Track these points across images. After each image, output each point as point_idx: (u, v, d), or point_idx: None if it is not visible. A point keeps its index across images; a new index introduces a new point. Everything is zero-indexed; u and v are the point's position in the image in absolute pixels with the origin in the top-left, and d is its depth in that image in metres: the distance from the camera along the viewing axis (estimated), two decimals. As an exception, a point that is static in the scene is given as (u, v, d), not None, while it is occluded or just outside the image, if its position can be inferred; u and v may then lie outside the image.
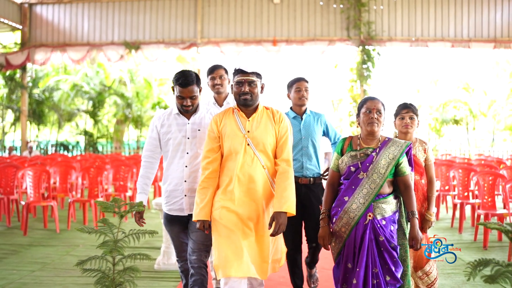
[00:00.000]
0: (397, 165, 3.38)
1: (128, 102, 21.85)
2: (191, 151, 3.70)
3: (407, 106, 4.15)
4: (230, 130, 3.49)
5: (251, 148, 3.45)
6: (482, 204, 6.84)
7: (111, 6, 19.18)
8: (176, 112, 3.75)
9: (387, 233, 3.32)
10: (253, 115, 3.53)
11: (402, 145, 3.40)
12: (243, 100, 3.48)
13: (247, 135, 3.47)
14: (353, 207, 3.33)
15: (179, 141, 3.70)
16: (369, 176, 3.35)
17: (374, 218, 3.32)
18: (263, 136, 3.47)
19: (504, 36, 17.90)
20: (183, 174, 3.68)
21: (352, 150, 3.48)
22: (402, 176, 3.40)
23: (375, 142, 3.46)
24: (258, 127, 3.50)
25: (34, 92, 20.77)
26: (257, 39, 18.60)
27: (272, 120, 3.55)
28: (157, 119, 3.82)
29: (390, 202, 3.40)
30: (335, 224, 3.41)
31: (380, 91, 19.66)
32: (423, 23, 18.36)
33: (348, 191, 3.38)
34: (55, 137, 23.86)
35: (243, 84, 3.47)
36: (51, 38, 19.39)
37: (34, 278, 5.27)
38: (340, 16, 18.43)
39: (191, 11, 18.85)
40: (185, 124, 3.72)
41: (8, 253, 6.39)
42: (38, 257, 6.21)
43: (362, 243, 3.30)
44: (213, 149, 3.52)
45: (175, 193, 3.70)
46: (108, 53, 18.97)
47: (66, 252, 6.46)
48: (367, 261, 3.29)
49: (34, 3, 19.41)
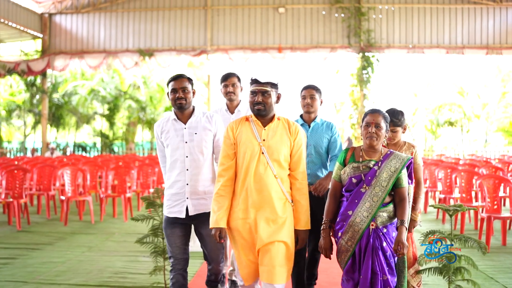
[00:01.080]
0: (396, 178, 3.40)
1: (142, 105, 22.73)
2: (190, 155, 3.74)
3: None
4: (246, 137, 3.49)
5: (265, 157, 3.44)
6: (461, 198, 7.92)
7: (126, 15, 20.04)
8: (174, 117, 3.82)
9: (388, 239, 3.36)
10: (269, 124, 3.52)
11: (403, 159, 3.42)
12: (256, 110, 3.46)
13: (262, 143, 3.46)
14: (357, 221, 3.33)
15: (177, 145, 3.75)
16: (371, 189, 3.35)
17: (376, 227, 3.35)
18: (278, 146, 3.46)
19: (496, 43, 18.66)
20: (185, 178, 3.73)
21: (355, 161, 3.48)
22: (399, 188, 3.41)
23: (377, 155, 3.46)
24: (274, 137, 3.49)
25: (53, 96, 21.69)
26: (263, 46, 19.38)
27: (288, 131, 3.53)
28: (158, 126, 3.90)
29: (390, 210, 3.41)
30: (341, 238, 3.41)
31: (379, 96, 20.44)
32: (419, 31, 19.06)
33: (352, 205, 3.38)
34: (72, 138, 24.85)
35: (257, 94, 3.44)
36: (69, 46, 20.32)
37: (86, 257, 6.36)
38: (341, 25, 19.12)
39: (201, 20, 19.64)
40: (182, 129, 3.78)
41: (56, 239, 7.50)
42: (83, 242, 7.29)
43: (366, 251, 3.32)
44: (229, 156, 3.52)
45: (177, 196, 3.76)
46: (123, 60, 19.86)
47: (105, 238, 7.55)
48: (374, 268, 3.31)
49: (53, 13, 20.35)
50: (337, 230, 3.43)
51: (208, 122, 3.82)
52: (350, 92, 19.56)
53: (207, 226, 3.63)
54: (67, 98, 22.47)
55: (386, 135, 3.47)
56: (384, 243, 3.33)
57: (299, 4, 19.25)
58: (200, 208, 3.75)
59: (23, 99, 22.76)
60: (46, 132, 20.89)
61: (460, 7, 18.92)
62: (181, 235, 3.78)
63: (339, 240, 3.41)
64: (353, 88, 19.46)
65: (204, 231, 3.75)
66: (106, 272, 5.61)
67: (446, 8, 18.96)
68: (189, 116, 3.79)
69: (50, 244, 7.12)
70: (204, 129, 3.78)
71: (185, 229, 3.80)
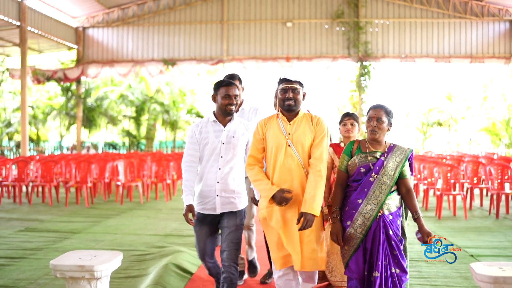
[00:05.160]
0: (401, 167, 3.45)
1: (165, 109, 24.61)
2: (225, 155, 3.82)
3: (349, 114, 4.50)
4: (273, 132, 3.62)
5: (292, 149, 3.55)
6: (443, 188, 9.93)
7: (152, 29, 21.86)
8: (213, 119, 3.89)
9: (394, 226, 3.40)
10: (294, 119, 3.63)
11: (406, 151, 3.48)
12: (287, 106, 3.58)
13: (288, 137, 3.57)
14: (368, 208, 3.38)
15: (215, 146, 3.82)
16: (380, 178, 3.40)
17: (383, 214, 3.39)
18: (301, 138, 3.56)
19: (479, 53, 20.33)
20: (216, 176, 3.80)
21: (362, 152, 3.53)
22: (403, 179, 3.47)
23: (382, 147, 3.52)
24: (298, 130, 3.59)
25: (87, 100, 23.70)
26: (273, 56, 21.08)
27: (310, 123, 3.62)
28: (196, 126, 3.95)
29: (395, 198, 3.47)
30: (350, 226, 3.42)
31: (376, 100, 22.00)
32: (411, 43, 20.66)
33: (361, 193, 3.42)
34: (103, 138, 26.92)
35: (287, 91, 3.56)
36: (101, 56, 22.16)
37: (148, 222, 8.68)
38: (342, 37, 20.79)
39: (218, 34, 21.38)
40: (221, 131, 3.85)
41: (119, 212, 9.87)
42: (140, 214, 9.60)
43: (375, 238, 3.36)
44: (258, 150, 3.68)
45: (208, 193, 3.82)
46: (149, 68, 21.72)
47: (156, 213, 9.87)
48: (384, 255, 3.33)
49: (87, 27, 22.30)
50: (346, 218, 3.47)
51: (245, 129, 3.94)
52: (350, 96, 21.14)
53: (231, 220, 3.80)
54: (99, 102, 24.36)
55: (388, 129, 3.52)
56: (390, 230, 3.37)
57: (304, 19, 20.95)
58: (228, 206, 3.83)
59: (59, 103, 24.71)
60: (80, 133, 22.88)
61: (447, 21, 20.51)
62: (209, 234, 3.90)
63: (348, 228, 3.44)
64: (352, 93, 21.01)
65: (227, 223, 3.82)
66: (168, 228, 8.00)
67: (434, 22, 20.59)
68: (229, 120, 3.90)
69: (117, 215, 9.49)
70: (241, 134, 3.88)
71: (213, 227, 3.91)
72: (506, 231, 7.72)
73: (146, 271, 5.41)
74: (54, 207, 10.44)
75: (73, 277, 2.99)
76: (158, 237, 7.37)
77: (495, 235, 7.46)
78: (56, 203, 11.08)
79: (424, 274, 5.33)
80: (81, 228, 8.08)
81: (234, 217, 3.81)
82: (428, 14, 20.62)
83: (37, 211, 9.92)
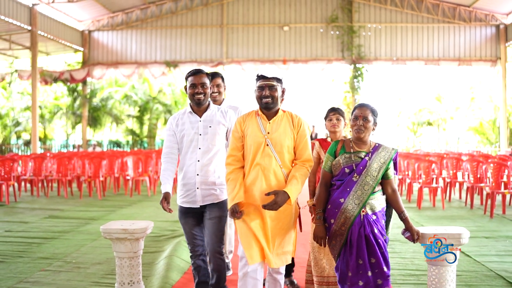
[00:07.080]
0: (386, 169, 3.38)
1: (168, 108, 25.35)
2: (203, 147, 3.76)
3: (334, 109, 4.30)
4: (252, 130, 3.51)
5: (270, 148, 3.45)
6: (424, 181, 10.95)
7: (154, 32, 22.56)
8: (189, 111, 3.82)
9: (379, 226, 3.36)
10: (273, 118, 3.52)
11: (390, 151, 3.42)
12: (264, 104, 3.47)
13: (267, 136, 3.47)
14: (349, 208, 3.32)
15: (192, 137, 3.78)
16: (363, 178, 3.34)
17: (366, 214, 3.33)
18: (281, 138, 3.46)
19: (467, 56, 21.11)
20: (195, 168, 3.74)
21: (346, 152, 3.45)
22: (388, 179, 3.41)
23: (367, 147, 3.45)
24: (278, 129, 3.48)
25: (93, 101, 24.46)
26: (270, 59, 21.80)
27: (291, 124, 3.52)
28: (173, 118, 3.91)
29: (379, 198, 3.40)
30: (334, 224, 3.38)
31: (368, 100, 23.00)
32: (402, 46, 21.40)
33: (343, 193, 3.36)
34: (107, 137, 27.69)
35: (264, 88, 3.45)
36: (106, 58, 22.89)
37: (159, 212, 9.53)
38: (336, 41, 21.48)
39: (218, 37, 22.04)
40: (197, 122, 3.79)
41: (130, 203, 10.81)
42: (149, 205, 10.50)
43: (359, 237, 3.30)
44: (237, 148, 3.55)
45: (188, 186, 3.78)
46: (152, 70, 22.44)
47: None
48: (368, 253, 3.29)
49: (92, 30, 23.02)
50: (329, 217, 3.42)
51: (223, 117, 3.87)
52: (344, 97, 21.86)
53: (213, 212, 3.78)
54: (104, 102, 25.15)
55: (374, 128, 3.46)
56: (375, 229, 3.32)
57: (300, 24, 21.69)
58: (209, 198, 3.79)
59: (66, 103, 25.46)
60: (85, 131, 23.65)
61: (436, 25, 21.25)
62: (195, 224, 3.85)
63: (332, 226, 3.40)
64: (346, 94, 21.72)
65: (209, 215, 3.78)
66: (177, 216, 8.94)
67: (424, 27, 21.36)
68: (205, 110, 3.82)
69: (129, 206, 10.45)
70: (218, 123, 3.81)
71: (197, 219, 3.85)
72: (476, 219, 8.70)
73: (162, 248, 6.39)
74: (69, 199, 11.39)
75: (118, 237, 3.95)
76: (169, 222, 8.32)
77: (465, 221, 8.43)
78: (71, 195, 12.03)
79: (397, 250, 6.32)
80: (99, 216, 9.05)
81: (216, 208, 3.78)
82: (419, 19, 21.34)
83: (55, 202, 10.88)
